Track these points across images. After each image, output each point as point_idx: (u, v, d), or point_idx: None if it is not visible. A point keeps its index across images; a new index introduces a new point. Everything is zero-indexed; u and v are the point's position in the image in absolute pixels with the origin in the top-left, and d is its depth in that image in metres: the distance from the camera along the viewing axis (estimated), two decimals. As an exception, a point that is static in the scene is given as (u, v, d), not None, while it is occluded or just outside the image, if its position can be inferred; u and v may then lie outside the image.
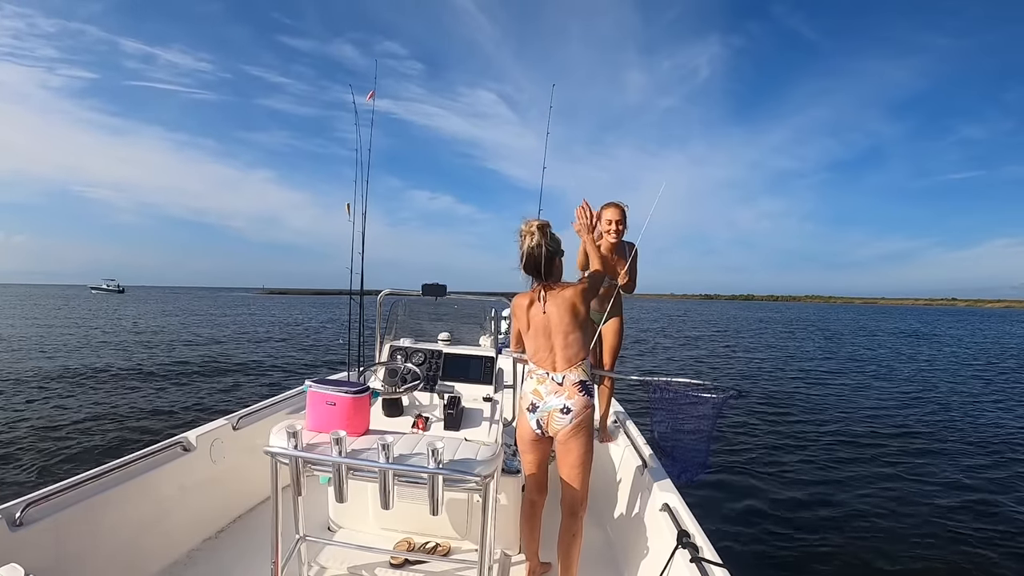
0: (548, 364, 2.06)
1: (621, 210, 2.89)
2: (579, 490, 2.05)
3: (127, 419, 6.58)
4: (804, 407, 8.63)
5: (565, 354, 2.04)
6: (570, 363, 2.03)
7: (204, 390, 8.49)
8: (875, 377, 12.31)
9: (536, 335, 2.08)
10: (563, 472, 2.07)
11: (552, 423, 2.03)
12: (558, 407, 2.01)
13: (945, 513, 4.53)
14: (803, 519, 4.33)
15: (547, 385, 2.04)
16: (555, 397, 2.02)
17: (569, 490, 2.06)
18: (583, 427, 2.02)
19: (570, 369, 2.03)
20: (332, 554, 2.36)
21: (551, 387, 2.04)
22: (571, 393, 2.01)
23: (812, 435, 6.90)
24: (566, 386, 2.02)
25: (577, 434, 2.01)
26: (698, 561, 1.74)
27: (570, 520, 2.07)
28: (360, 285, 3.50)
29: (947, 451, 6.39)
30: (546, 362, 2.06)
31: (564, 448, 2.04)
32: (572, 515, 2.07)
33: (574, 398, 2.00)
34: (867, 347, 19.85)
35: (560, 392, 2.02)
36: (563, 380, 2.02)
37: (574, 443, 2.02)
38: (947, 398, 9.84)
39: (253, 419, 2.89)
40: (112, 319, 23.16)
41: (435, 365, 3.00)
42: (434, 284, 3.04)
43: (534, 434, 2.09)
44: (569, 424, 2.00)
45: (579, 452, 2.03)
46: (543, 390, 2.05)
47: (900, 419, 8.01)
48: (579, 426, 2.01)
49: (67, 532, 1.85)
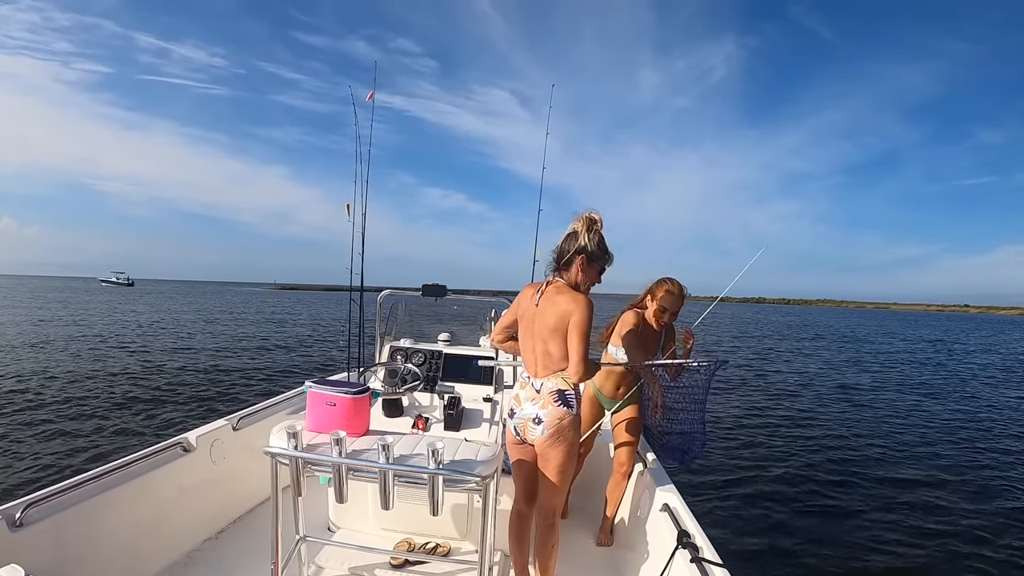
0: (531, 367, 1.98)
1: (682, 300, 2.45)
2: (555, 500, 1.98)
3: (126, 419, 6.58)
4: (805, 407, 8.63)
5: (545, 361, 1.92)
6: (549, 370, 1.91)
7: (204, 390, 8.48)
8: (881, 379, 12.31)
9: (524, 332, 1.99)
10: (540, 482, 1.99)
11: (527, 432, 1.95)
12: (531, 416, 1.92)
13: (946, 513, 4.53)
14: (803, 519, 4.33)
15: (527, 391, 1.97)
16: (531, 405, 1.93)
17: (544, 501, 1.99)
18: (559, 438, 1.90)
19: (549, 376, 1.91)
20: (332, 554, 2.35)
21: (529, 393, 1.95)
22: (545, 402, 1.90)
23: (813, 435, 6.90)
24: (543, 394, 1.91)
25: (554, 445, 1.90)
26: (698, 561, 1.74)
27: (547, 531, 1.99)
28: (360, 285, 3.50)
29: (951, 453, 6.40)
30: (530, 364, 1.98)
31: (542, 457, 1.95)
32: (549, 526, 1.99)
33: (547, 408, 1.89)
34: (876, 350, 19.86)
35: (536, 400, 1.92)
36: (540, 387, 1.92)
37: (551, 453, 1.92)
38: (957, 403, 9.85)
39: (253, 420, 2.89)
40: (116, 315, 23.15)
41: (435, 365, 3.00)
42: (434, 284, 3.04)
43: (515, 440, 2.02)
44: (542, 435, 1.90)
45: (556, 463, 1.92)
46: (523, 395, 1.97)
47: (903, 420, 8.02)
48: (553, 436, 1.89)
49: (67, 533, 1.85)
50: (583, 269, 1.91)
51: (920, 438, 7.01)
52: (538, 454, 1.96)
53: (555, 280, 1.95)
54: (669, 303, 2.44)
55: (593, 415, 2.67)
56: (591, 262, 1.92)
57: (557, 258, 1.95)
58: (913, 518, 4.41)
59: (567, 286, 1.92)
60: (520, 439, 2.00)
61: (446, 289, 3.04)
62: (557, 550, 2.05)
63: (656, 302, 2.47)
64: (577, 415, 1.95)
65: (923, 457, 6.16)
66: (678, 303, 2.45)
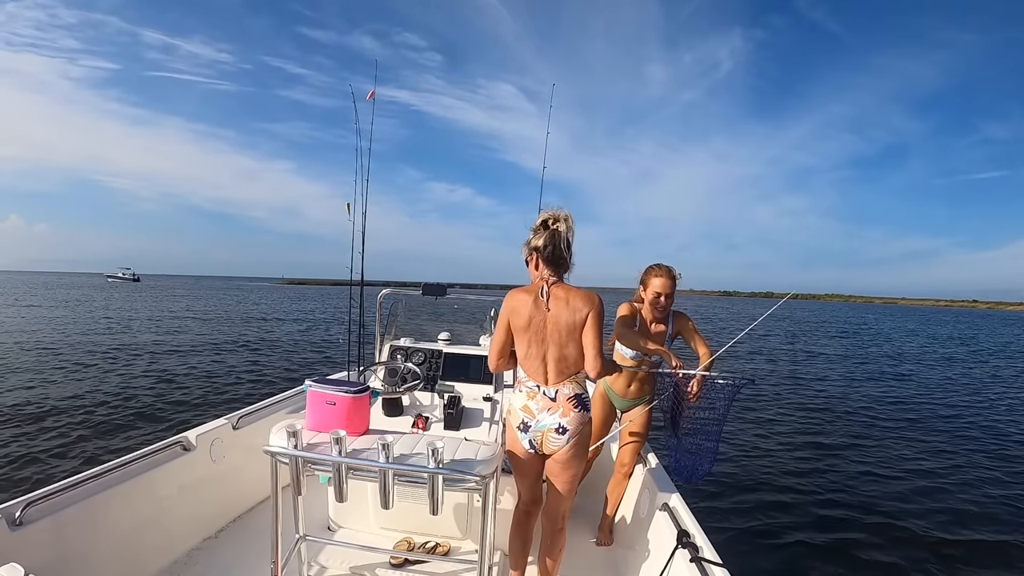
0: (539, 375, 1.87)
1: (672, 281, 2.41)
2: (566, 504, 1.99)
3: (125, 418, 6.58)
4: (806, 407, 8.62)
5: (558, 366, 1.84)
6: (564, 375, 1.85)
7: (204, 388, 8.48)
8: (882, 376, 12.30)
9: (531, 340, 1.85)
10: (551, 490, 1.96)
11: (547, 443, 1.86)
12: (552, 426, 1.84)
13: (947, 514, 4.53)
14: (804, 519, 4.32)
15: (538, 401, 1.87)
16: (548, 415, 1.84)
17: (557, 505, 1.98)
18: (580, 445, 1.88)
19: (563, 382, 1.85)
20: (332, 554, 2.36)
21: (543, 403, 1.86)
22: (566, 410, 1.83)
23: (814, 435, 6.90)
24: (560, 402, 1.84)
25: (575, 454, 1.87)
26: (698, 561, 1.74)
27: (557, 536, 2.00)
28: (360, 286, 3.50)
29: (957, 452, 6.38)
30: (537, 373, 1.87)
31: (559, 467, 1.90)
32: (559, 530, 2.00)
33: (569, 415, 1.83)
34: (877, 345, 19.86)
35: (554, 409, 1.84)
36: (556, 395, 1.84)
37: (571, 463, 1.88)
38: (961, 396, 9.84)
39: (253, 419, 2.89)
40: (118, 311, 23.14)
41: (435, 365, 3.00)
42: (434, 284, 3.03)
43: (527, 453, 1.92)
44: (566, 444, 1.85)
45: (573, 472, 1.91)
46: (534, 407, 1.87)
47: (904, 418, 8.01)
48: (577, 445, 1.86)
49: (67, 532, 1.85)
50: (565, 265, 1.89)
51: (930, 441, 7.00)
52: (557, 462, 1.90)
53: (554, 280, 1.87)
54: (660, 286, 2.40)
55: (605, 414, 2.64)
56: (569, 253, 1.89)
57: (549, 257, 1.85)
58: (917, 519, 4.40)
59: (569, 285, 1.88)
60: (533, 452, 1.91)
61: (446, 289, 3.04)
62: (563, 554, 2.06)
63: (648, 289, 2.44)
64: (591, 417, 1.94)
65: (931, 457, 6.15)
66: (669, 284, 2.40)
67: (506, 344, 1.93)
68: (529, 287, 1.91)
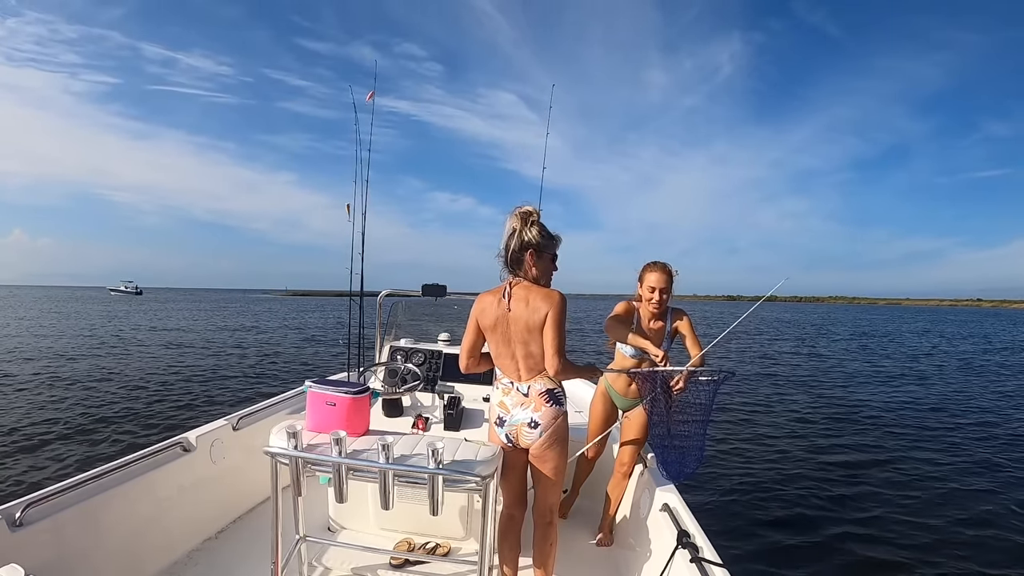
0: (512, 372, 1.93)
1: (668, 276, 2.43)
2: (553, 499, 2.01)
3: (126, 420, 6.58)
4: (807, 407, 8.62)
5: (527, 363, 1.89)
6: (533, 372, 1.89)
7: (204, 390, 8.49)
8: (883, 375, 12.30)
9: (499, 339, 1.90)
10: (536, 483, 2.00)
11: (522, 437, 1.92)
12: (525, 421, 1.89)
13: (947, 513, 4.52)
14: (804, 519, 4.32)
15: (512, 396, 1.93)
16: (521, 410, 1.90)
17: (543, 501, 2.00)
18: (555, 438, 1.91)
19: (535, 378, 1.89)
20: (332, 554, 2.36)
21: (516, 398, 1.92)
22: (537, 405, 1.88)
23: (815, 434, 6.90)
24: (532, 397, 1.89)
25: (551, 446, 1.91)
26: (698, 561, 1.74)
27: (547, 530, 2.02)
28: (360, 286, 3.50)
29: (959, 452, 6.38)
30: (510, 370, 1.93)
31: (539, 459, 1.94)
32: (548, 524, 2.02)
33: (541, 410, 1.88)
34: (872, 345, 19.85)
35: (526, 404, 1.90)
36: (528, 390, 1.90)
37: (548, 455, 1.92)
38: (966, 401, 9.82)
39: (253, 419, 2.90)
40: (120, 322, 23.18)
41: (435, 365, 3.00)
42: (434, 284, 3.04)
43: (506, 447, 1.98)
44: (539, 438, 1.89)
45: (553, 464, 1.94)
46: (509, 402, 1.93)
47: (905, 418, 8.00)
48: (551, 438, 1.90)
49: (67, 532, 1.85)
50: (535, 263, 1.88)
51: (931, 441, 6.99)
52: (534, 456, 1.95)
53: (516, 280, 1.89)
54: (655, 280, 2.41)
55: (605, 413, 2.64)
56: (540, 253, 1.88)
57: (507, 259, 1.89)
58: (917, 520, 4.40)
59: (532, 283, 1.89)
60: (512, 446, 1.96)
61: (446, 289, 3.04)
62: (556, 547, 2.06)
63: (644, 285, 2.46)
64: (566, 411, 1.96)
65: (934, 457, 6.14)
66: (664, 279, 2.41)
67: (475, 344, 1.99)
68: (496, 288, 1.94)
